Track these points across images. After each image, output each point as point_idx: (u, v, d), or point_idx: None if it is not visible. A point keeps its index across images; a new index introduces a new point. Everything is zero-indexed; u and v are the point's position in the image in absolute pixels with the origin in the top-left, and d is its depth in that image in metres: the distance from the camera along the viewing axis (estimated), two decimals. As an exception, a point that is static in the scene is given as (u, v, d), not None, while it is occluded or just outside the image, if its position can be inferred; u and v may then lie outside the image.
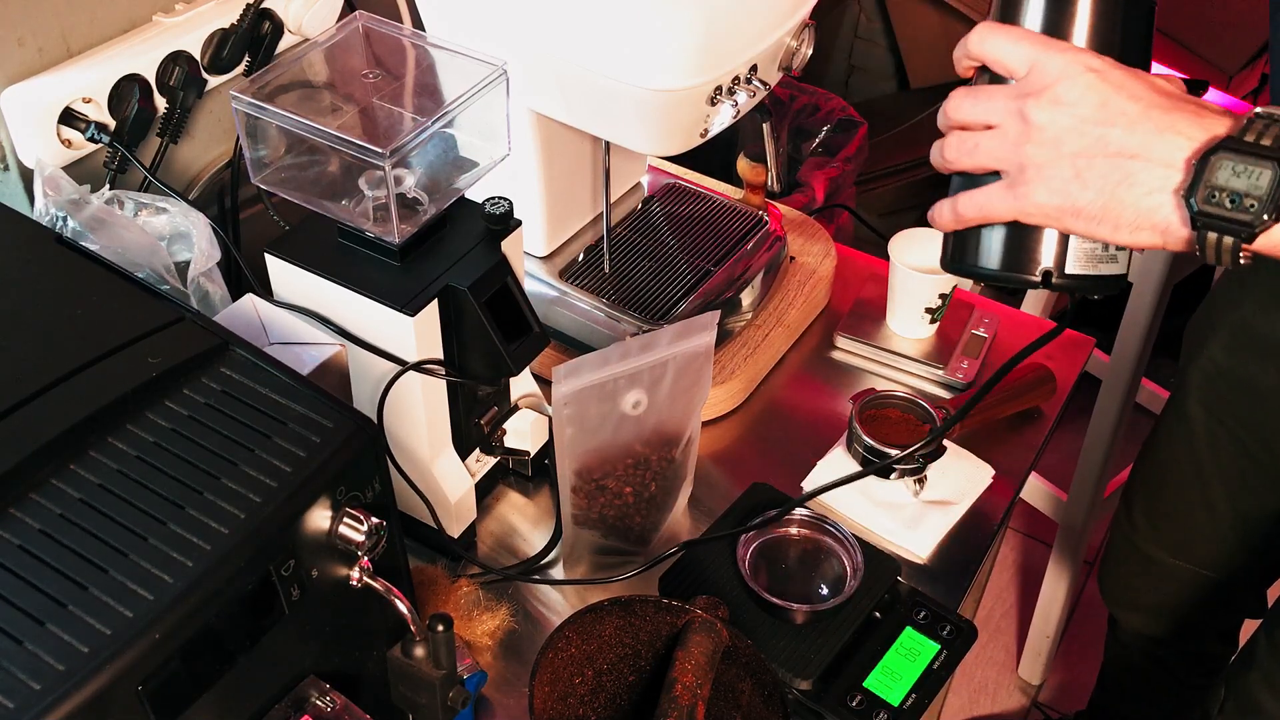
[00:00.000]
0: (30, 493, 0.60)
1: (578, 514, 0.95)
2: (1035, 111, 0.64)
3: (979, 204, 0.69)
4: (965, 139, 0.69)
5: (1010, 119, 0.66)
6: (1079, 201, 0.64)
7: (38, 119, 0.95)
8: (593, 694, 0.85)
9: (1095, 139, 0.63)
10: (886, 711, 0.85)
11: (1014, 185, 0.66)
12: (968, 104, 0.69)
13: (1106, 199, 0.63)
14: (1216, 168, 0.60)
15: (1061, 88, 0.64)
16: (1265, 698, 1.17)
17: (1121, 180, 0.63)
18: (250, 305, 0.86)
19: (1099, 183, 0.63)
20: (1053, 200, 0.65)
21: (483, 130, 0.89)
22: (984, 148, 0.68)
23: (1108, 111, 0.63)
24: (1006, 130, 0.66)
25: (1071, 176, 0.64)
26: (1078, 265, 0.69)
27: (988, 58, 0.68)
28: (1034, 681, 2.00)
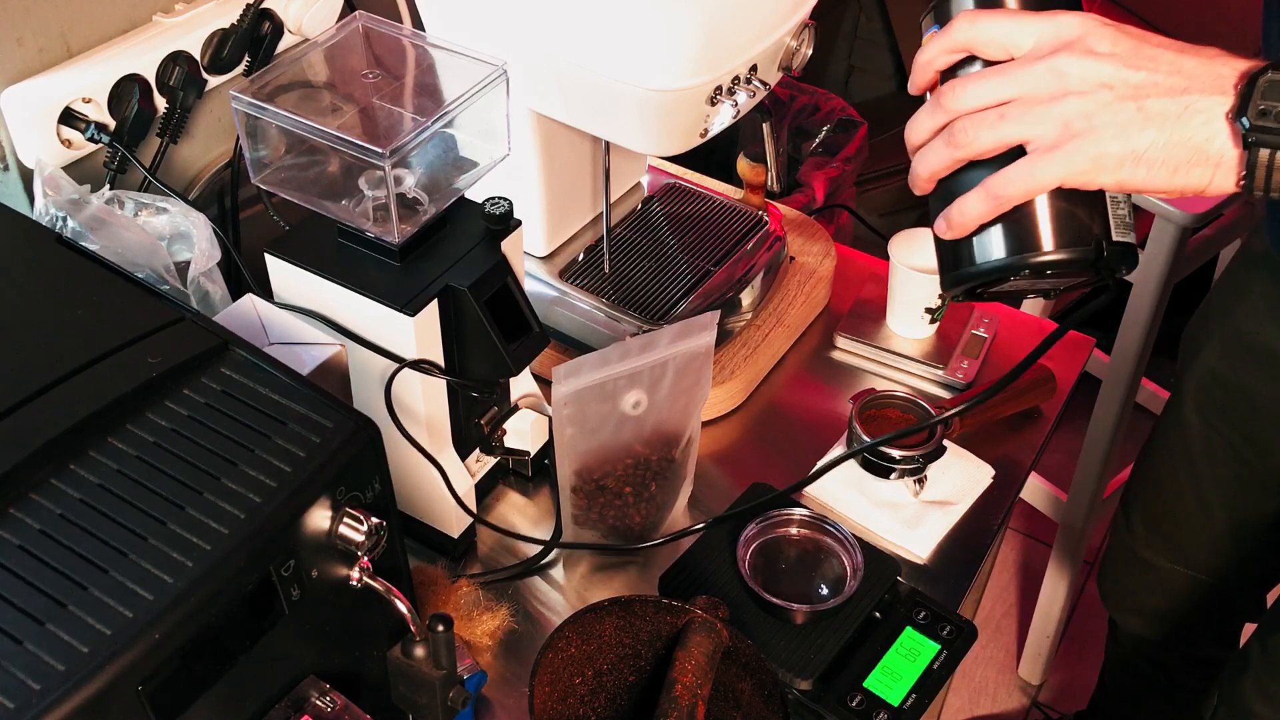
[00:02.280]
0: (30, 493, 0.60)
1: (578, 514, 0.95)
2: (1070, 64, 0.62)
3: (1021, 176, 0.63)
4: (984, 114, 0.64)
5: (1040, 80, 0.62)
6: (1139, 145, 0.61)
7: (38, 119, 0.95)
8: (593, 694, 0.85)
9: (1142, 79, 0.61)
10: (886, 711, 0.85)
11: (1057, 146, 0.62)
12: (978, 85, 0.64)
13: (1168, 135, 0.61)
14: (1264, 87, 0.59)
15: (1091, 40, 0.62)
16: (1257, 703, 1.17)
17: (1181, 112, 0.61)
18: (250, 305, 0.86)
19: (1160, 119, 0.61)
20: (1112, 146, 0.61)
21: (483, 130, 0.89)
22: (1012, 115, 0.63)
23: (1144, 54, 0.62)
24: (1036, 93, 0.62)
25: (1131, 118, 0.61)
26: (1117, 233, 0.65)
27: (983, 41, 0.65)
28: (1034, 681, 2.00)
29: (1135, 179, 0.62)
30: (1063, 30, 0.63)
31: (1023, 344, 1.21)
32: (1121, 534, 1.44)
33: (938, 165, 0.66)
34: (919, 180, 0.68)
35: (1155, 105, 0.61)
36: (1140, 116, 0.61)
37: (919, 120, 0.67)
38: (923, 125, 0.67)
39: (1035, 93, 0.63)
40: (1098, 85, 0.62)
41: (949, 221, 0.67)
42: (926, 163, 0.67)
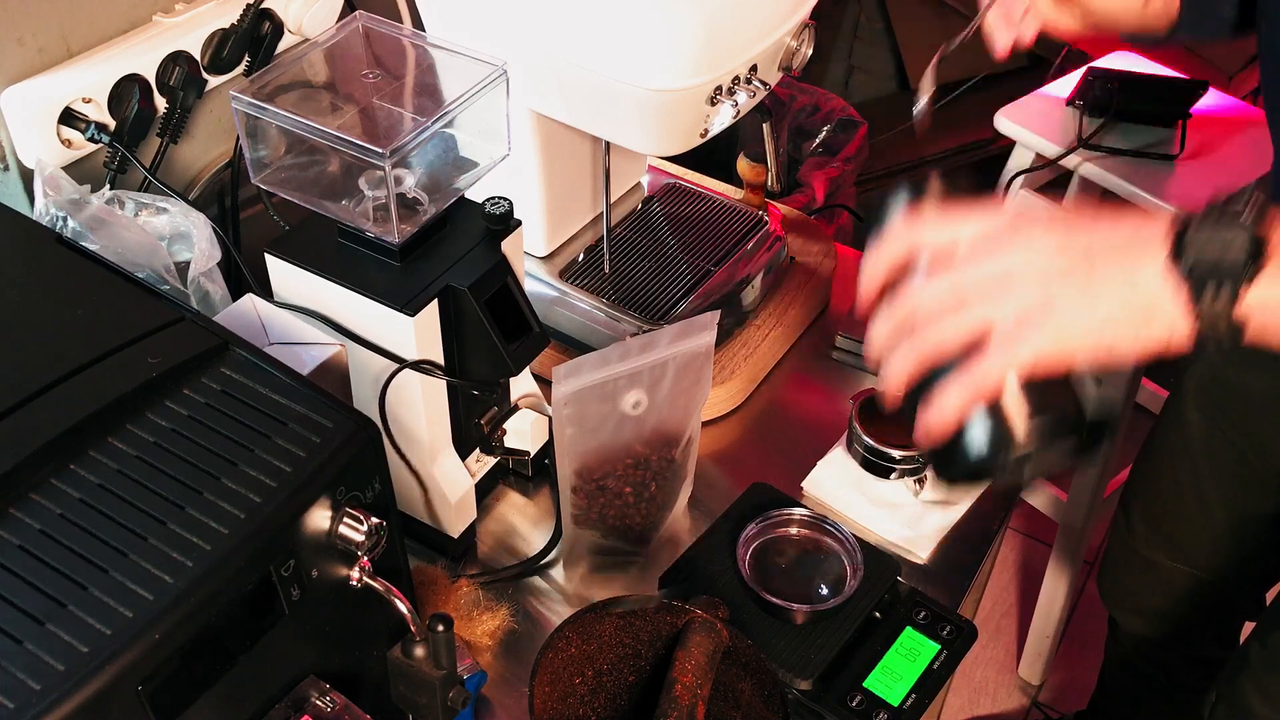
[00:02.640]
0: (30, 493, 0.60)
1: (578, 514, 0.95)
2: (1012, 257, 0.64)
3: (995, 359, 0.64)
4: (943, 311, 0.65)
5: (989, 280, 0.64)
6: (1100, 312, 0.63)
7: (38, 119, 0.95)
8: (593, 694, 0.85)
9: (1082, 252, 0.63)
10: (886, 711, 0.85)
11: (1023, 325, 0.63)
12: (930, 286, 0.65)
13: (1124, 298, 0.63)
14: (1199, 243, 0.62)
15: (1022, 233, 0.64)
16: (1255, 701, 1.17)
17: (1131, 273, 0.63)
18: (250, 305, 0.86)
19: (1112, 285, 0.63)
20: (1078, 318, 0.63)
21: (483, 130, 0.89)
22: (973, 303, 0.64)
23: (1076, 234, 0.64)
24: (988, 286, 0.64)
25: (1085, 287, 0.63)
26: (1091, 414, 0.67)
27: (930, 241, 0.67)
28: (1034, 681, 2.00)
29: (1104, 346, 0.63)
30: (1000, 220, 0.65)
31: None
32: (1121, 533, 1.44)
33: (907, 368, 0.66)
34: (889, 392, 0.67)
35: (1104, 268, 0.63)
36: (1094, 287, 0.63)
37: (877, 330, 0.68)
38: (882, 333, 0.67)
39: (988, 285, 0.64)
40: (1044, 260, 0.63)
41: (930, 426, 0.66)
42: (894, 370, 0.67)
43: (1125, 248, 0.63)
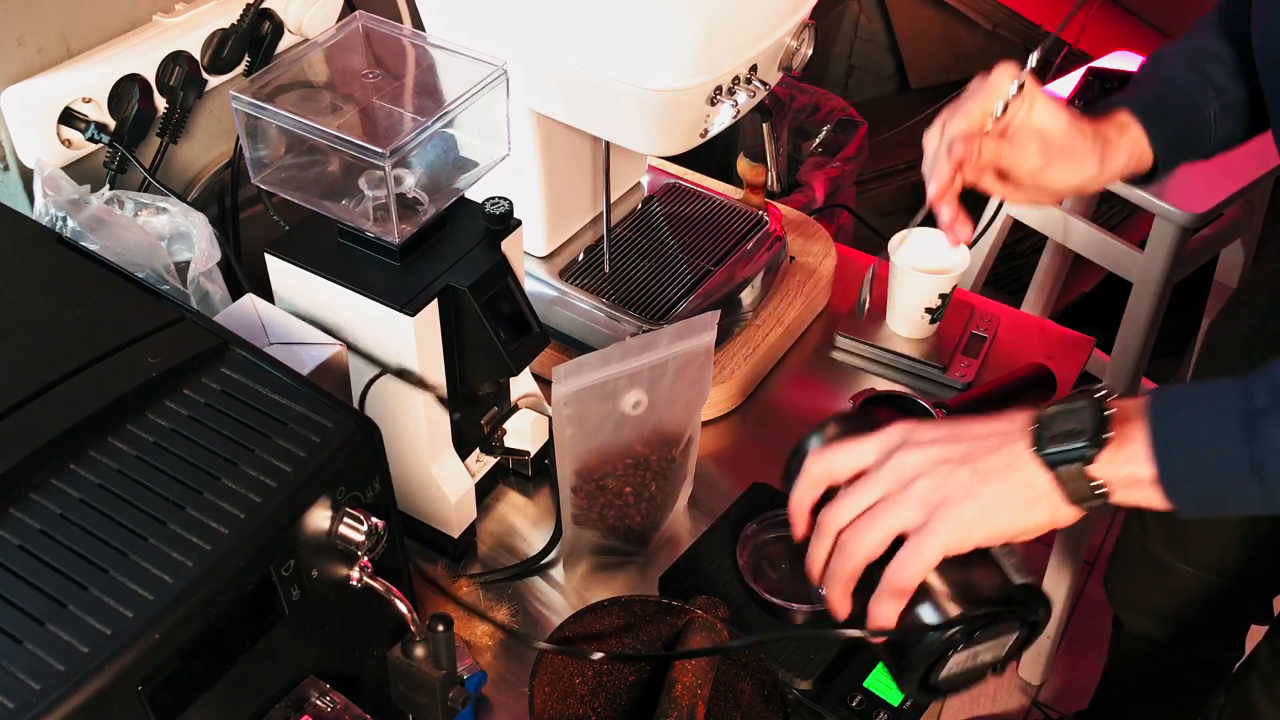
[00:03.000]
0: (30, 493, 0.60)
1: (578, 514, 0.95)
2: (908, 457, 0.71)
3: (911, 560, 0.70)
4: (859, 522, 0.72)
5: (890, 480, 0.72)
6: (987, 499, 0.70)
7: (38, 119, 0.95)
8: (593, 694, 0.85)
9: (967, 448, 0.71)
10: (886, 711, 0.85)
11: (926, 523, 0.70)
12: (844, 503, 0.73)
13: (1006, 484, 0.70)
14: (1049, 419, 0.70)
15: (916, 434, 0.72)
16: (1263, 703, 1.17)
17: (1008, 463, 0.70)
18: (250, 305, 0.86)
19: (993, 474, 0.70)
20: (968, 509, 0.70)
21: (483, 130, 0.89)
22: (880, 513, 0.71)
23: (961, 431, 0.72)
24: (891, 490, 0.71)
25: (971, 478, 0.70)
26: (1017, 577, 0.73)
27: (837, 469, 0.74)
28: (1034, 681, 2.00)
29: (1001, 527, 0.70)
30: (892, 437, 0.73)
31: (1023, 344, 1.21)
32: (1133, 531, 1.44)
33: (844, 580, 0.73)
34: (836, 606, 0.74)
35: (985, 464, 0.70)
36: (978, 477, 0.70)
37: (814, 553, 0.75)
38: (818, 554, 0.74)
39: (891, 488, 0.71)
40: (935, 463, 0.71)
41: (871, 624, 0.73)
42: (835, 584, 0.73)
43: (999, 439, 0.71)
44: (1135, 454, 0.68)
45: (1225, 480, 0.67)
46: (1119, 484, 0.69)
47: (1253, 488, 0.66)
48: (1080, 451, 0.68)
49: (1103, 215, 2.24)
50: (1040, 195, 0.90)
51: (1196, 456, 0.68)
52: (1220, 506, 0.70)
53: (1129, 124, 0.90)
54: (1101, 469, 0.68)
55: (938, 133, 0.84)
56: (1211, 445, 0.67)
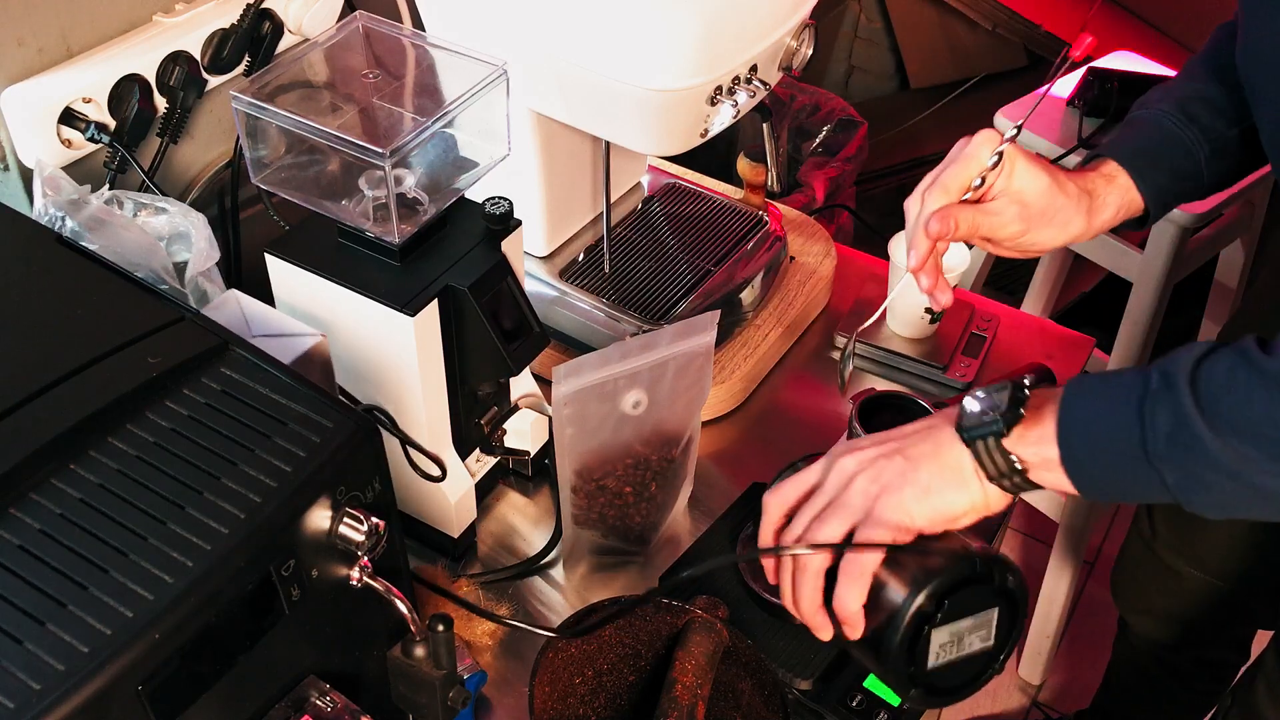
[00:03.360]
0: (30, 493, 0.60)
1: (578, 514, 0.95)
2: (845, 461, 0.77)
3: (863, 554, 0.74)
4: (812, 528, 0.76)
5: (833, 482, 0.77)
6: (922, 481, 0.74)
7: (38, 119, 0.95)
8: (593, 694, 0.85)
9: (897, 443, 0.76)
10: (886, 711, 0.85)
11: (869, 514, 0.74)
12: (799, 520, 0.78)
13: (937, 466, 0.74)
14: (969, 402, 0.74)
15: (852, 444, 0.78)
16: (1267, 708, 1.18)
17: (935, 449, 0.75)
18: (233, 299, 0.87)
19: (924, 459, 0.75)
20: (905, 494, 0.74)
21: (483, 130, 0.89)
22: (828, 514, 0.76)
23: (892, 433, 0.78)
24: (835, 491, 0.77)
25: (904, 466, 0.75)
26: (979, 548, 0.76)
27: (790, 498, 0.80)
28: (1034, 681, 2.00)
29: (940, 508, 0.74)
30: (834, 453, 0.80)
31: (1023, 344, 1.21)
32: (1142, 533, 1.44)
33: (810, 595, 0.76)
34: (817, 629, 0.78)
35: (915, 450, 0.75)
36: (910, 464, 0.75)
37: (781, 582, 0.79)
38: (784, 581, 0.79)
39: (834, 492, 0.77)
40: (871, 460, 0.76)
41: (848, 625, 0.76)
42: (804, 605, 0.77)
43: (927, 428, 0.76)
44: (1045, 434, 0.71)
45: (1120, 462, 0.70)
46: (1033, 463, 0.72)
47: (1144, 471, 0.69)
48: (993, 428, 0.72)
49: (1103, 215, 2.23)
50: (1027, 253, 0.91)
51: (1094, 439, 0.70)
52: (1121, 491, 0.73)
53: (1116, 174, 0.91)
54: (1014, 445, 0.72)
55: (918, 202, 0.87)
56: (1108, 428, 0.70)
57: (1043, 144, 1.71)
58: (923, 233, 0.85)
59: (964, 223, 0.85)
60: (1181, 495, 0.69)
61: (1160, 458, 0.68)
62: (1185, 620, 1.44)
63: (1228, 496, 0.68)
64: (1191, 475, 0.67)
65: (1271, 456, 0.65)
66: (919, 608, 0.72)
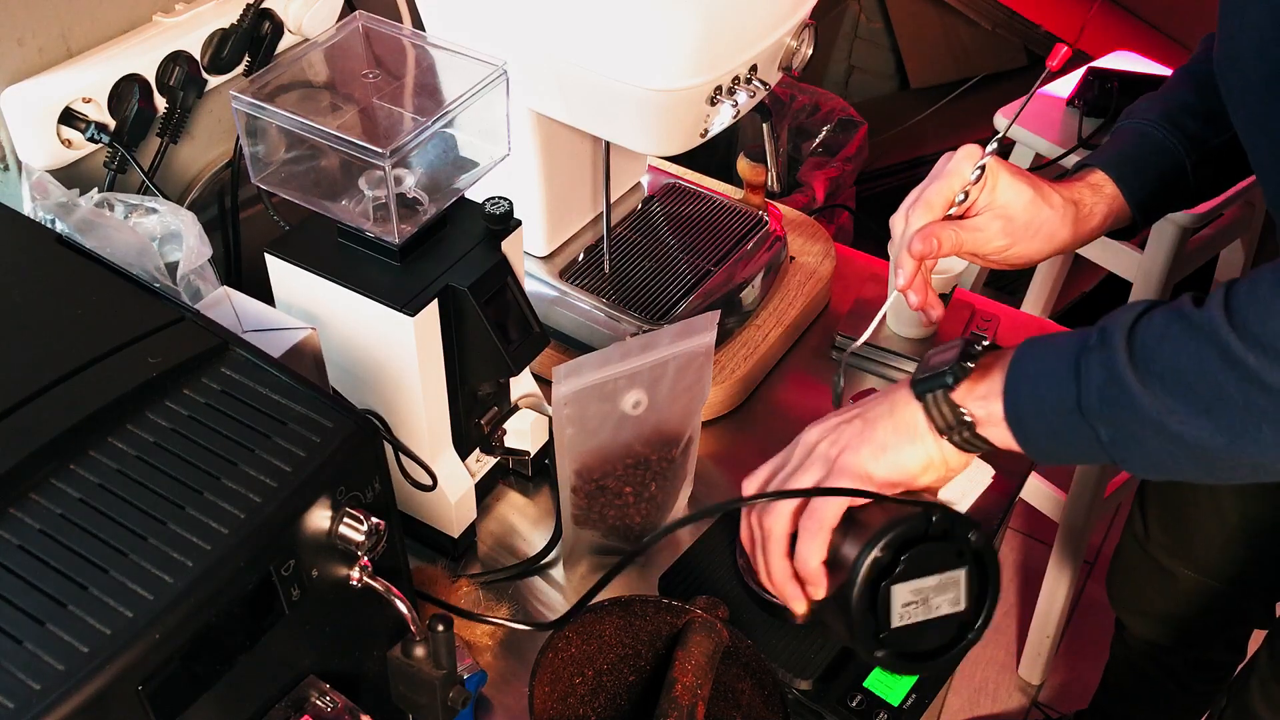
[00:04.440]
0: (30, 493, 0.60)
1: (578, 514, 0.95)
2: (809, 432, 0.82)
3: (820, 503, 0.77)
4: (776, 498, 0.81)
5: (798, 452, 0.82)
6: (879, 438, 0.77)
7: (38, 119, 0.95)
8: (593, 694, 0.85)
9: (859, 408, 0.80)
10: (886, 711, 0.85)
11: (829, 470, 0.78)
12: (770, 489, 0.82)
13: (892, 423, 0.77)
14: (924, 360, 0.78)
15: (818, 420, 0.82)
16: (1261, 707, 1.18)
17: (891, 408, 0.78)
18: (224, 296, 0.87)
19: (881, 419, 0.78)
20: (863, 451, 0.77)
21: (483, 130, 0.89)
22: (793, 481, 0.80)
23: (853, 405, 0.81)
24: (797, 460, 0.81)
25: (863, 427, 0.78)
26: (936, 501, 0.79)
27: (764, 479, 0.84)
28: (1034, 681, 2.00)
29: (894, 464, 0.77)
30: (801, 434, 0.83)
31: (1023, 344, 1.21)
32: (1136, 534, 1.44)
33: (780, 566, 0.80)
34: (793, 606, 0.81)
35: (872, 412, 0.79)
36: (867, 424, 0.78)
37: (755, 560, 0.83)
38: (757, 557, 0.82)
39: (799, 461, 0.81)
40: (832, 427, 0.80)
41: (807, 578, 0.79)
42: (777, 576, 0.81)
43: (885, 393, 0.80)
44: (992, 389, 0.74)
45: (1057, 419, 0.71)
46: (980, 417, 0.74)
47: (1080, 427, 0.70)
48: (941, 379, 0.75)
49: (1103, 215, 2.23)
50: (1015, 265, 0.92)
51: (1034, 395, 0.72)
52: (1060, 448, 0.73)
53: (1103, 183, 0.91)
54: (962, 398, 0.74)
55: (903, 219, 0.89)
56: (1047, 384, 0.71)
57: (1043, 144, 1.71)
58: (907, 252, 0.87)
59: (948, 240, 0.87)
60: (1115, 453, 0.70)
61: (1093, 413, 0.69)
62: (1181, 621, 1.44)
63: (1156, 452, 0.68)
64: (1123, 430, 0.69)
65: (1193, 406, 0.66)
66: (874, 559, 0.74)
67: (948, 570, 0.75)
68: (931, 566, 0.75)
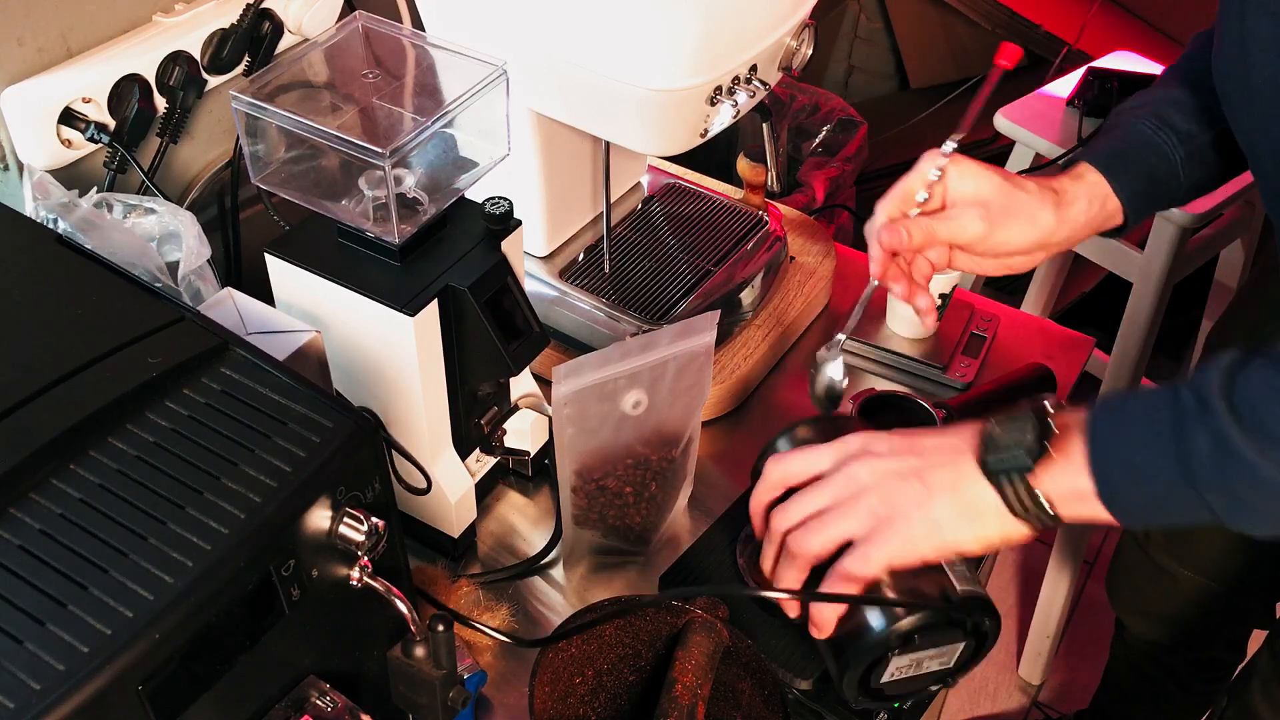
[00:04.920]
0: (30, 493, 0.60)
1: (578, 514, 0.95)
2: (860, 468, 0.74)
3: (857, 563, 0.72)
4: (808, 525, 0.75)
5: (841, 488, 0.74)
6: (935, 514, 0.71)
7: (38, 119, 0.95)
8: (593, 694, 0.85)
9: (917, 462, 0.73)
10: (886, 712, 0.85)
11: (874, 534, 0.72)
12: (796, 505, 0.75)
13: (955, 500, 0.71)
14: (992, 432, 0.71)
15: (871, 446, 0.75)
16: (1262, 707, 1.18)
17: (956, 480, 0.72)
18: (228, 298, 0.87)
19: (941, 489, 0.72)
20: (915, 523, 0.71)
21: (483, 130, 0.89)
22: (829, 519, 0.74)
23: (914, 446, 0.74)
24: (842, 497, 0.74)
25: (918, 494, 0.72)
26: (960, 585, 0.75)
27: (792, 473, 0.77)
28: (1034, 681, 2.00)
29: (948, 541, 0.72)
30: (849, 447, 0.75)
31: (1023, 344, 1.21)
32: (1137, 537, 1.44)
33: (790, 581, 0.76)
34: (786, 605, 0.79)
35: (934, 478, 0.72)
36: (926, 491, 0.72)
37: (766, 555, 0.79)
38: (768, 554, 0.78)
39: (840, 497, 0.74)
40: (886, 476, 0.73)
41: (819, 625, 0.76)
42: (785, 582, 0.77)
43: (949, 453, 0.73)
44: (1074, 466, 0.68)
45: (1161, 489, 0.67)
46: (1063, 498, 0.69)
47: (1188, 495, 0.65)
48: (1020, 462, 0.69)
49: (1103, 215, 2.23)
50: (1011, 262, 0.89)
51: (1131, 468, 0.67)
52: (1165, 517, 0.69)
53: (1086, 172, 0.90)
54: (1042, 482, 0.69)
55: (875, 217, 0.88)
56: (1144, 455, 0.67)
57: (1043, 144, 1.71)
58: (875, 242, 0.86)
59: (918, 231, 0.85)
60: (1230, 519, 0.66)
61: (1204, 484, 0.65)
62: (1180, 621, 1.44)
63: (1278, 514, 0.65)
64: (1240, 498, 0.64)
65: None
66: (884, 639, 0.73)
67: (950, 643, 0.75)
68: (937, 641, 0.74)
